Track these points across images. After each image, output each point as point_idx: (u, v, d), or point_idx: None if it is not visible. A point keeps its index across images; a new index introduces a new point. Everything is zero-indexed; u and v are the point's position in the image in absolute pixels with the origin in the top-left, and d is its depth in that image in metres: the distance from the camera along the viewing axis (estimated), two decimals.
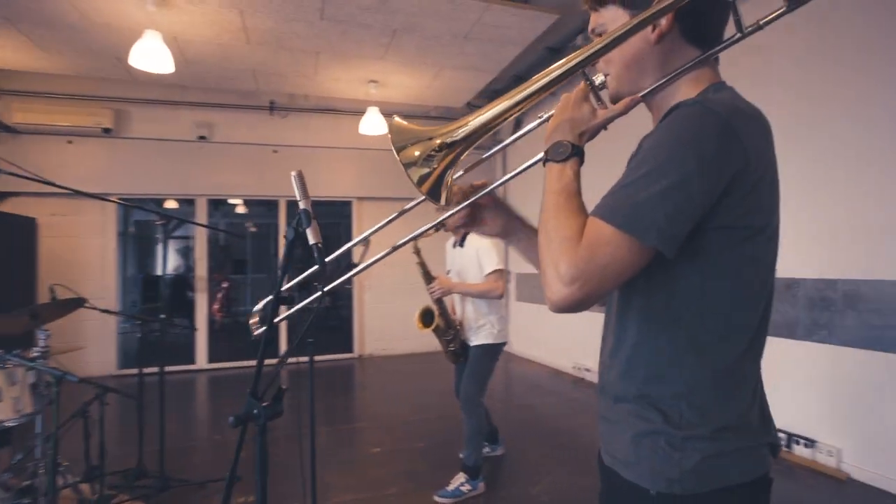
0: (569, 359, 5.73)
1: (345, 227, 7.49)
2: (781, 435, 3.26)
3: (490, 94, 6.85)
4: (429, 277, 3.01)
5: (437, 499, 2.74)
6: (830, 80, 3.06)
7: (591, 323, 0.95)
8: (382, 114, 5.87)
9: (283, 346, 6.36)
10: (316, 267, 0.95)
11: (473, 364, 2.93)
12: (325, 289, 1.06)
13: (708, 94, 0.77)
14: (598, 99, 0.86)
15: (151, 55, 3.96)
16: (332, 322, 7.88)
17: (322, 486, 2.96)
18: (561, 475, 3.02)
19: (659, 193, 0.68)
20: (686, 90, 0.82)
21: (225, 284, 9.94)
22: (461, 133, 0.86)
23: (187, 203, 6.85)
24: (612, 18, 0.85)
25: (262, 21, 4.26)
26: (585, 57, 0.80)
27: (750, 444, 0.76)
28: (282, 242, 1.10)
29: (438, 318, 3.06)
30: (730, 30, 0.83)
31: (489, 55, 5.08)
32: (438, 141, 0.85)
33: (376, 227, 1.14)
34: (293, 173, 1.04)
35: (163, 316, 3.16)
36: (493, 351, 2.97)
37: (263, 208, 10.10)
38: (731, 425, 0.75)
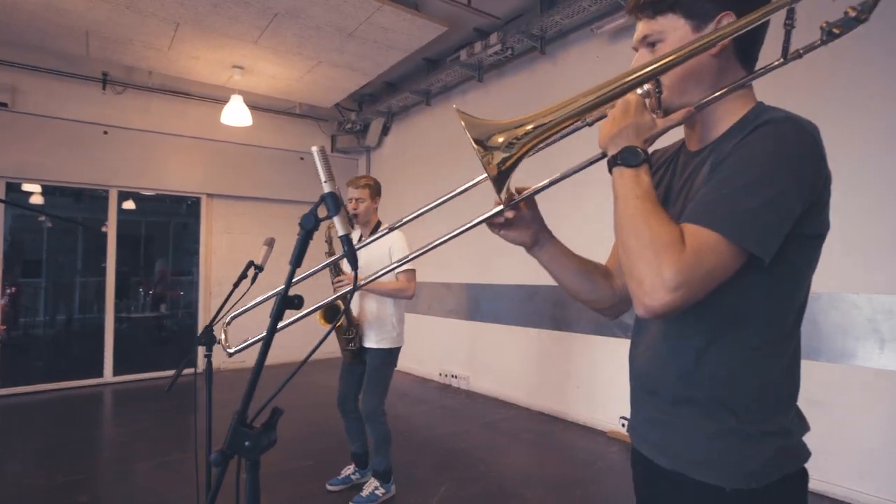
0: (435, 366, 5.81)
1: (183, 226, 6.63)
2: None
3: (359, 97, 6.72)
4: (337, 270, 2.80)
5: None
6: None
7: (455, 330, 0.94)
8: (246, 104, 5.35)
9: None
10: (334, 259, 0.79)
11: (373, 375, 2.78)
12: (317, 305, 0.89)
13: (771, 111, 0.82)
14: (658, 106, 0.86)
15: None
16: (164, 334, 6.86)
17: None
18: (452, 485, 3.01)
19: (761, 205, 0.70)
20: (733, 107, 0.87)
21: (12, 290, 8.06)
22: (547, 122, 0.79)
23: None
24: (672, 27, 0.86)
25: None
26: (664, 65, 0.80)
27: (800, 433, 0.82)
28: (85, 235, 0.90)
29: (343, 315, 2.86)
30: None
31: (370, 57, 4.97)
32: (530, 126, 0.77)
33: (454, 231, 1.00)
34: (314, 148, 0.86)
35: None
36: (393, 357, 2.88)
37: (70, 199, 8.43)
38: (794, 417, 0.81)
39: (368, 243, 1.10)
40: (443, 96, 5.82)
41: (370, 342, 2.82)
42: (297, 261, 0.86)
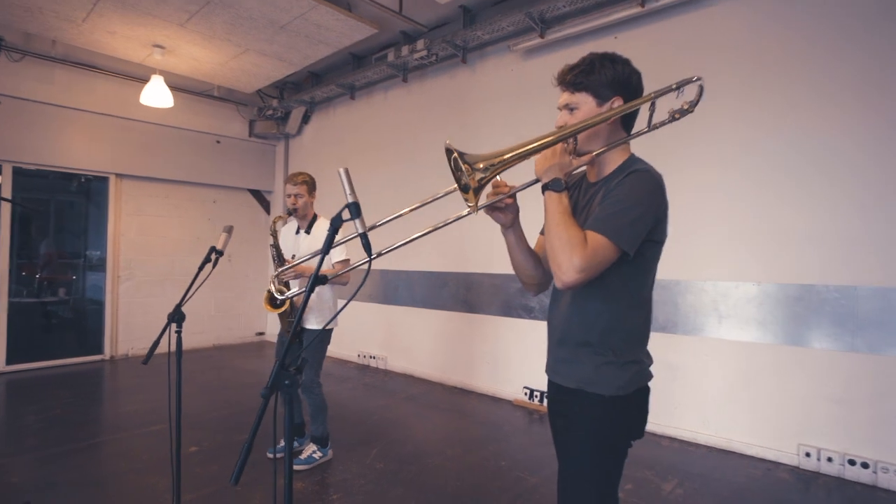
0: (353, 348, 6.12)
1: (69, 205, 6.24)
2: (537, 391, 4.34)
3: (281, 84, 6.76)
4: (281, 260, 3.04)
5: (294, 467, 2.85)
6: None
7: (372, 314, 1.37)
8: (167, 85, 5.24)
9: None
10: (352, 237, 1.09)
11: (310, 350, 3.08)
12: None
13: (638, 162, 1.31)
14: (574, 152, 1.32)
15: None
16: (54, 321, 6.38)
17: (150, 489, 2.70)
18: (382, 448, 3.40)
19: (630, 221, 1.18)
20: (617, 156, 1.35)
21: None
22: (508, 157, 1.21)
23: None
24: (584, 101, 1.32)
25: None
26: (580, 128, 1.26)
27: (648, 365, 1.33)
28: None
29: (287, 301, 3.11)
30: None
31: (299, 49, 5.11)
32: (496, 160, 1.19)
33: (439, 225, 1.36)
34: (340, 170, 1.20)
35: None
36: (328, 336, 3.19)
37: None
38: (644, 353, 1.31)
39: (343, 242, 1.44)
40: (367, 91, 6.08)
41: (310, 324, 3.11)
42: (326, 249, 1.21)
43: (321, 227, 3.18)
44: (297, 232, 3.23)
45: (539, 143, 1.26)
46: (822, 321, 3.08)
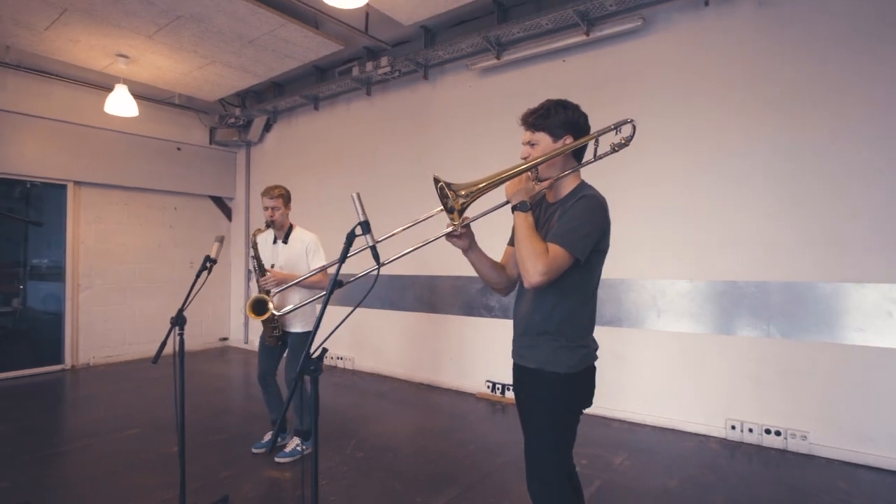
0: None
1: (36, 215, 6.13)
2: (499, 384, 4.69)
3: (243, 93, 6.85)
4: (262, 269, 3.23)
5: (277, 459, 3.13)
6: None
7: (339, 316, 1.69)
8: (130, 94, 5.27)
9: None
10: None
11: (296, 350, 3.30)
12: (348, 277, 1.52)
13: (587, 188, 1.66)
14: (536, 179, 1.65)
15: None
16: (3, 332, 6.17)
17: (136, 488, 2.85)
18: (359, 440, 3.65)
19: (582, 236, 1.52)
20: (571, 181, 1.69)
21: None
22: (484, 185, 1.52)
23: None
24: (543, 138, 1.66)
25: None
26: (540, 161, 1.59)
27: (594, 349, 1.68)
28: None
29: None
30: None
31: (265, 62, 5.28)
32: (474, 188, 1.50)
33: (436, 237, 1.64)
34: (353, 195, 1.48)
35: None
36: (309, 337, 3.42)
37: None
38: (591, 339, 1.67)
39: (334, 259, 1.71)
40: (330, 102, 6.28)
41: (294, 328, 3.32)
42: (342, 259, 1.48)
43: (297, 237, 3.39)
44: (275, 242, 3.43)
45: (508, 173, 1.58)
46: (742, 312, 3.58)
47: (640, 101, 3.98)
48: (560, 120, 1.64)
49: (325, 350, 1.49)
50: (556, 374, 1.60)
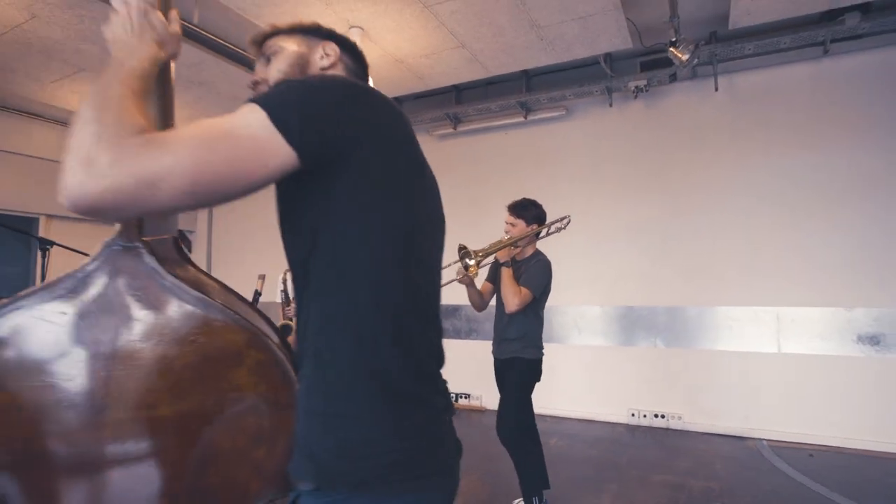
0: None
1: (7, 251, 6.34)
2: (463, 393, 5.66)
3: None
4: (288, 300, 4.01)
5: None
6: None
7: None
8: None
9: None
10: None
11: None
12: None
13: (540, 254, 2.75)
14: (515, 247, 2.72)
15: None
16: None
17: None
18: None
19: (539, 284, 2.62)
20: (531, 248, 2.79)
21: None
22: (491, 251, 2.57)
23: None
24: (519, 223, 2.75)
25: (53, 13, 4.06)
26: (519, 238, 2.68)
27: (541, 347, 2.78)
28: None
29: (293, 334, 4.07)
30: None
31: None
32: (482, 253, 2.55)
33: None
34: (280, 277, 2.45)
35: None
36: None
37: None
38: (541, 342, 2.79)
39: None
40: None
41: None
42: None
43: None
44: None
45: (503, 244, 2.64)
46: (638, 329, 4.88)
47: (561, 167, 5.26)
48: (532, 214, 2.74)
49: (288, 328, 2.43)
50: (523, 359, 2.67)
